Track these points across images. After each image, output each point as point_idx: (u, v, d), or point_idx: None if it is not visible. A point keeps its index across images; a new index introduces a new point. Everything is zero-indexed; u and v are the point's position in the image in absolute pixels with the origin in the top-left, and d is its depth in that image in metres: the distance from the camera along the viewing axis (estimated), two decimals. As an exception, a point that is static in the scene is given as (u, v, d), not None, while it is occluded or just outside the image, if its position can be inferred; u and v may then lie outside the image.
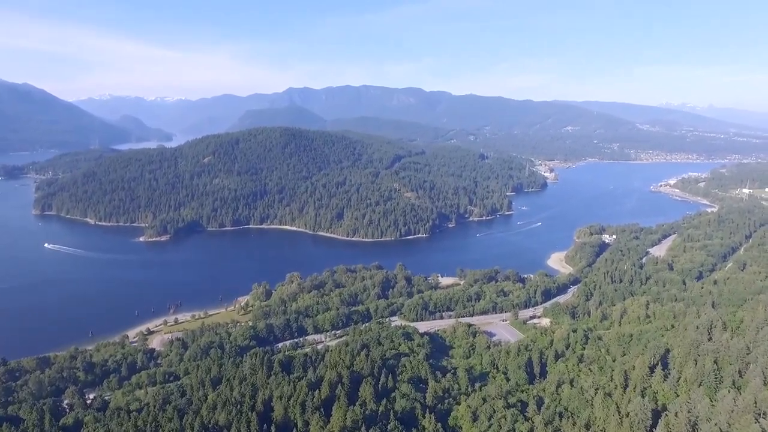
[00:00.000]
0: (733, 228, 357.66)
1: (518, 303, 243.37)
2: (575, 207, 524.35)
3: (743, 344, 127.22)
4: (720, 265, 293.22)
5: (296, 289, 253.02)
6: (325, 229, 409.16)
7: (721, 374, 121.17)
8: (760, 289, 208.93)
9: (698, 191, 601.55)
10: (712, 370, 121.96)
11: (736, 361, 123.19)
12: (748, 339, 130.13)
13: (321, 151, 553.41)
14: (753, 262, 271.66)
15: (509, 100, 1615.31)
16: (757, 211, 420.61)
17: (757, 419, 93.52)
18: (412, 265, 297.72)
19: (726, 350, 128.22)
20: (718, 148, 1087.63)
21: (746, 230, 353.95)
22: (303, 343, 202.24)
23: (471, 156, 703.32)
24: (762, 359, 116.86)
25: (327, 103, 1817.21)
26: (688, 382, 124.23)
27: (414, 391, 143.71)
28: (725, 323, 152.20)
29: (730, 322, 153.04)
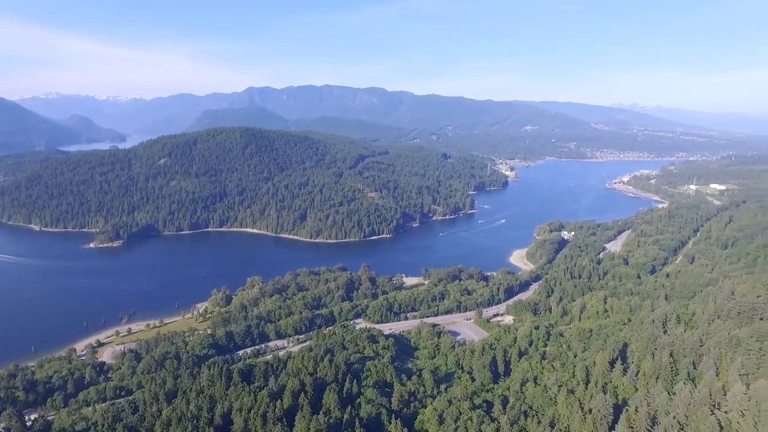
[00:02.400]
0: (682, 223, 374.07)
1: (482, 301, 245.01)
2: (535, 205, 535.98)
3: (696, 336, 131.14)
4: (671, 258, 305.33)
5: (257, 293, 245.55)
6: (287, 231, 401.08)
7: (676, 367, 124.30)
8: (709, 281, 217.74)
9: (650, 188, 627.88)
10: (668, 363, 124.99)
11: (690, 353, 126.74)
12: (700, 331, 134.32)
13: (283, 151, 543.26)
14: (701, 255, 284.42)
15: (470, 100, 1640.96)
16: (704, 206, 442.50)
17: (713, 411, 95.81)
18: (377, 266, 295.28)
19: (681, 343, 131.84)
20: (667, 146, 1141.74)
21: (694, 225, 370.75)
22: (265, 350, 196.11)
23: (434, 155, 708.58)
24: (714, 351, 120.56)
25: (288, 103, 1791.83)
26: (646, 376, 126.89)
27: (379, 396, 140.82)
28: (679, 316, 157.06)
29: (683, 315, 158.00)
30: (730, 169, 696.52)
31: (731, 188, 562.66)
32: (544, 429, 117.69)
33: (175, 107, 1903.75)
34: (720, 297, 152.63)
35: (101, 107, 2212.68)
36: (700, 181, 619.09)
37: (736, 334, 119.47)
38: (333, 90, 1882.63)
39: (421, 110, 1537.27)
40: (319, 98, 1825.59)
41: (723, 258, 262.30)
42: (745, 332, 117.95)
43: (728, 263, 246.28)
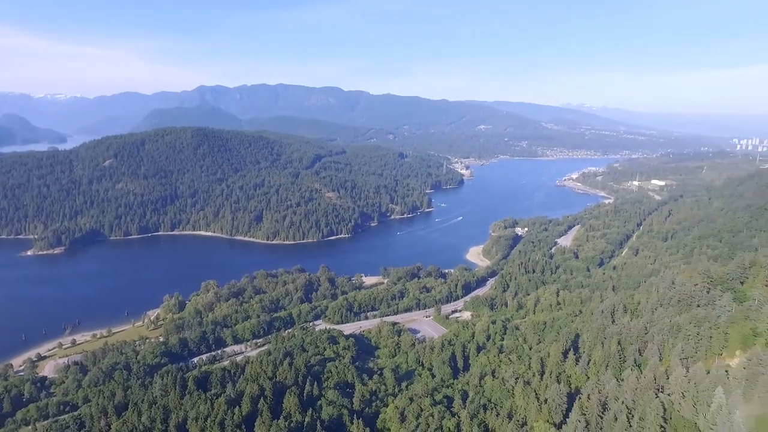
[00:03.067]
0: (627, 217, 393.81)
1: (440, 298, 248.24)
2: (490, 202, 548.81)
3: (641, 325, 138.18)
4: (618, 251, 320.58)
5: (213, 298, 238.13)
6: (243, 234, 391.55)
7: (624, 354, 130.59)
8: (651, 272, 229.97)
9: (597, 184, 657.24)
10: (616, 352, 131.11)
11: (636, 341, 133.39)
12: (645, 320, 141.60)
13: (237, 151, 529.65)
14: (644, 248, 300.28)
15: (426, 100, 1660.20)
16: (646, 201, 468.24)
17: (657, 394, 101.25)
18: (336, 266, 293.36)
19: (627, 331, 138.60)
20: (612, 144, 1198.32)
21: (638, 219, 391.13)
22: (222, 356, 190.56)
23: (391, 155, 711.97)
24: (657, 338, 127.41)
25: (242, 103, 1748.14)
26: (597, 364, 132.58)
27: (341, 397, 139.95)
28: (625, 306, 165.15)
29: (629, 305, 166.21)
30: (669, 166, 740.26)
31: (670, 184, 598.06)
32: (502, 421, 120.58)
33: (120, 106, 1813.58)
34: (662, 287, 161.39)
35: (38, 106, 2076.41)
36: (642, 177, 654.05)
37: (676, 321, 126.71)
38: (288, 89, 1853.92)
39: (377, 110, 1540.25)
40: (273, 97, 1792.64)
41: (664, 250, 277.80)
42: (685, 319, 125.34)
43: (668, 254, 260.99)
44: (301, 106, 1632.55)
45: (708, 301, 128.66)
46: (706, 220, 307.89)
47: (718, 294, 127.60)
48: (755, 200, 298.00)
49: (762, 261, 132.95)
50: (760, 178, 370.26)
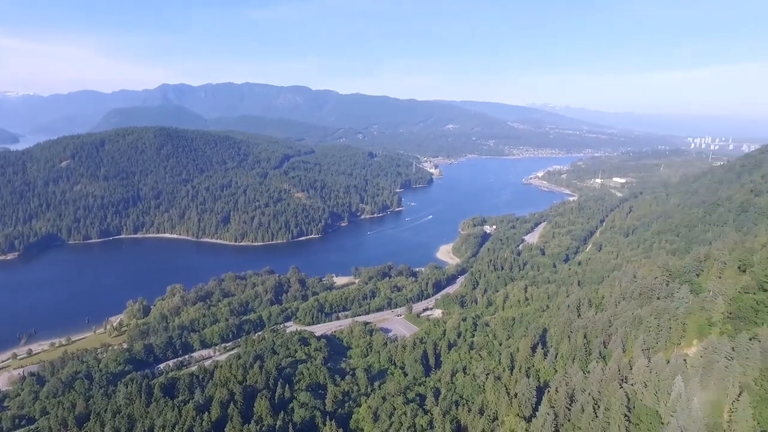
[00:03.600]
0: (590, 214, 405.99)
1: (412, 297, 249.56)
2: (459, 201, 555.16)
3: (606, 318, 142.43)
4: (582, 247, 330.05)
5: (179, 302, 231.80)
6: (210, 236, 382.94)
7: (590, 347, 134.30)
8: (614, 266, 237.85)
9: (561, 182, 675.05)
10: (582, 345, 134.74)
11: (601, 333, 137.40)
12: (609, 313, 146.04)
13: (202, 152, 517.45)
14: (607, 243, 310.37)
15: (395, 99, 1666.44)
16: (608, 198, 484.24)
17: (621, 385, 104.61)
18: (306, 267, 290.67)
19: (593, 325, 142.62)
20: (575, 143, 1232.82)
21: (600, 215, 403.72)
22: (189, 361, 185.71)
23: (360, 154, 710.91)
24: (621, 330, 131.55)
25: (207, 102, 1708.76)
26: (564, 358, 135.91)
27: (313, 399, 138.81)
28: (590, 300, 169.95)
29: (594, 299, 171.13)
30: (629, 164, 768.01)
31: (630, 181, 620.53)
32: (474, 417, 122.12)
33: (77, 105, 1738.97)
34: (624, 281, 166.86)
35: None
36: (605, 175, 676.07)
37: (638, 313, 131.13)
38: (254, 88, 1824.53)
39: (346, 109, 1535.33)
40: (239, 96, 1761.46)
41: (625, 245, 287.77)
42: (646, 311, 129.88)
43: (630, 249, 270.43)
44: (268, 105, 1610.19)
45: (667, 294, 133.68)
46: (664, 215, 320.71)
47: (676, 286, 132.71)
48: (708, 196, 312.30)
49: (715, 254, 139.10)
50: (712, 175, 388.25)
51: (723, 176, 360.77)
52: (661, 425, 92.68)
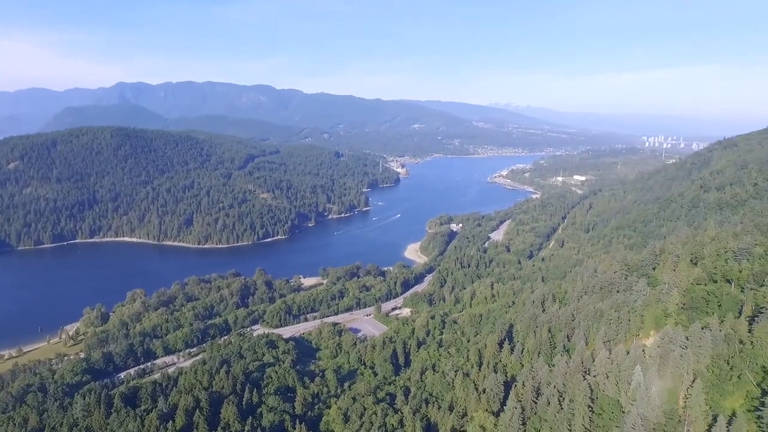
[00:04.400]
0: (553, 211, 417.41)
1: (380, 296, 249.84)
2: (426, 200, 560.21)
3: (569, 312, 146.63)
4: (545, 243, 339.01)
5: (140, 308, 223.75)
6: (172, 238, 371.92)
7: (554, 341, 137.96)
8: (576, 262, 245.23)
9: (525, 180, 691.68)
10: (547, 339, 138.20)
11: (564, 327, 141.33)
12: (572, 307, 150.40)
13: (162, 152, 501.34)
14: (569, 239, 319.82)
15: (361, 99, 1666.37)
16: (569, 196, 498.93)
17: (585, 377, 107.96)
18: (273, 269, 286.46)
19: (557, 319, 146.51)
20: (537, 142, 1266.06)
21: (562, 212, 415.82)
22: (152, 369, 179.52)
23: (327, 154, 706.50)
24: (583, 323, 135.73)
25: (167, 101, 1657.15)
26: (530, 352, 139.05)
27: (282, 403, 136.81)
28: (554, 295, 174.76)
29: (558, 294, 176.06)
30: (588, 162, 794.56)
31: (590, 179, 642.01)
32: (444, 414, 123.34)
33: (25, 103, 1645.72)
34: (585, 275, 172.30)
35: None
36: (566, 173, 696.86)
37: (599, 306, 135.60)
38: (216, 87, 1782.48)
39: (311, 109, 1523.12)
40: (201, 96, 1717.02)
41: (586, 240, 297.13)
42: (606, 304, 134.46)
43: (590, 245, 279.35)
44: (231, 104, 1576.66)
45: (626, 287, 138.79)
46: (622, 212, 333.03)
47: (634, 280, 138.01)
48: (662, 193, 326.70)
49: (669, 248, 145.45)
50: (665, 173, 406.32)
51: (675, 173, 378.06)
52: (622, 414, 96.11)
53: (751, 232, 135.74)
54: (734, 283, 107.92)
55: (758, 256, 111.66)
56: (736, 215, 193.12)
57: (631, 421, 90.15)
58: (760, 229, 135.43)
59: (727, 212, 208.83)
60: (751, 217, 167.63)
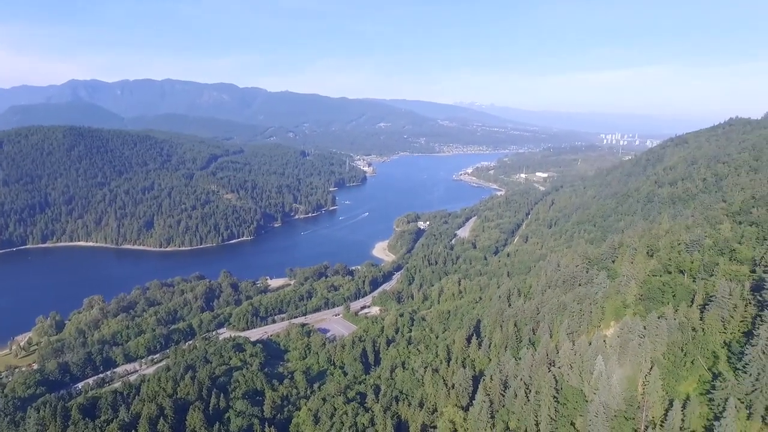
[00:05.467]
0: (517, 207, 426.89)
1: (349, 296, 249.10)
2: (393, 198, 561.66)
3: (534, 306, 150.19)
4: (510, 239, 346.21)
5: (98, 314, 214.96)
6: (131, 242, 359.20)
7: (520, 335, 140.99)
8: (540, 257, 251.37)
9: (489, 178, 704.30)
10: (513, 333, 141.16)
11: (530, 321, 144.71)
12: (537, 301, 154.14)
13: (120, 152, 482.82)
14: (533, 235, 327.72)
15: (326, 98, 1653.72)
16: (533, 192, 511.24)
17: (550, 369, 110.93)
18: (239, 271, 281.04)
19: (522, 313, 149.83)
20: (501, 140, 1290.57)
21: (526, 208, 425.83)
22: (112, 378, 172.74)
23: (292, 153, 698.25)
24: (548, 317, 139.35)
25: (123, 99, 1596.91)
26: (497, 347, 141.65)
27: (250, 406, 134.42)
28: (519, 290, 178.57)
29: (523, 289, 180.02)
30: (550, 159, 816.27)
31: (552, 175, 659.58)
32: (414, 410, 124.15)
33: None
34: (549, 270, 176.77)
35: None
36: (528, 170, 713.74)
37: (563, 300, 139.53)
38: (176, 85, 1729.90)
39: (276, 107, 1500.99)
40: (160, 94, 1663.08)
41: (549, 236, 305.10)
42: (569, 297, 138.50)
43: (553, 240, 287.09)
44: (192, 103, 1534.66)
45: (587, 280, 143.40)
46: (582, 207, 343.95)
47: (595, 273, 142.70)
48: (619, 188, 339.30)
49: (627, 241, 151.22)
50: (622, 169, 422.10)
51: (631, 169, 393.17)
52: (586, 403, 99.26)
53: (701, 224, 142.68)
54: (687, 273, 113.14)
55: (708, 248, 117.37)
56: (688, 209, 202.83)
57: (593, 409, 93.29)
58: (709, 222, 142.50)
59: (680, 206, 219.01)
60: (701, 210, 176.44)
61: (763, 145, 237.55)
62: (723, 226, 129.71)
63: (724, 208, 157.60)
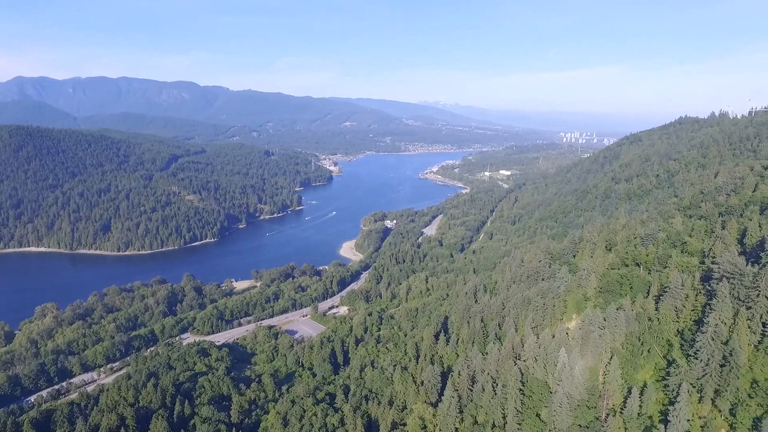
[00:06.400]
0: (482, 205, 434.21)
1: (317, 296, 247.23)
2: (360, 197, 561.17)
3: (499, 301, 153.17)
4: (476, 236, 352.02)
5: (52, 323, 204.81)
6: (87, 246, 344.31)
7: (487, 330, 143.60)
8: (504, 253, 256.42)
9: (454, 176, 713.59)
10: (480, 328, 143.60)
11: (496, 316, 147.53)
12: (502, 296, 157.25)
13: (73, 153, 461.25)
14: (497, 232, 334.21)
15: (290, 96, 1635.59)
16: (496, 190, 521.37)
17: (515, 362, 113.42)
18: (202, 274, 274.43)
19: (488, 309, 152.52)
20: (465, 139, 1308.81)
21: (490, 206, 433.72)
22: (68, 389, 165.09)
23: (256, 153, 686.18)
24: (513, 311, 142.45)
25: (76, 98, 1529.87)
26: (464, 342, 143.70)
27: (217, 412, 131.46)
28: (485, 286, 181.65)
29: (488, 284, 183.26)
30: (513, 157, 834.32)
31: (515, 173, 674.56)
32: (384, 409, 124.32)
33: None
34: (513, 265, 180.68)
35: None
36: (492, 168, 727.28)
37: (527, 294, 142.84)
38: (133, 83, 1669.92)
39: (238, 106, 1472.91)
40: (116, 92, 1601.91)
41: (513, 232, 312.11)
42: (533, 292, 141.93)
43: (517, 236, 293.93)
44: (150, 102, 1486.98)
45: (550, 275, 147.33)
46: (544, 204, 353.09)
47: (557, 268, 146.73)
48: (579, 185, 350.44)
49: (587, 236, 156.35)
50: (581, 166, 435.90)
51: (590, 167, 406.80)
52: (550, 394, 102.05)
53: (655, 219, 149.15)
54: (642, 266, 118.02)
55: (661, 241, 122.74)
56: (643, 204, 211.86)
57: (557, 400, 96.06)
58: (662, 216, 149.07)
59: (635, 201, 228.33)
60: (655, 205, 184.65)
61: (710, 142, 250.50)
62: (675, 220, 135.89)
63: (675, 203, 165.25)
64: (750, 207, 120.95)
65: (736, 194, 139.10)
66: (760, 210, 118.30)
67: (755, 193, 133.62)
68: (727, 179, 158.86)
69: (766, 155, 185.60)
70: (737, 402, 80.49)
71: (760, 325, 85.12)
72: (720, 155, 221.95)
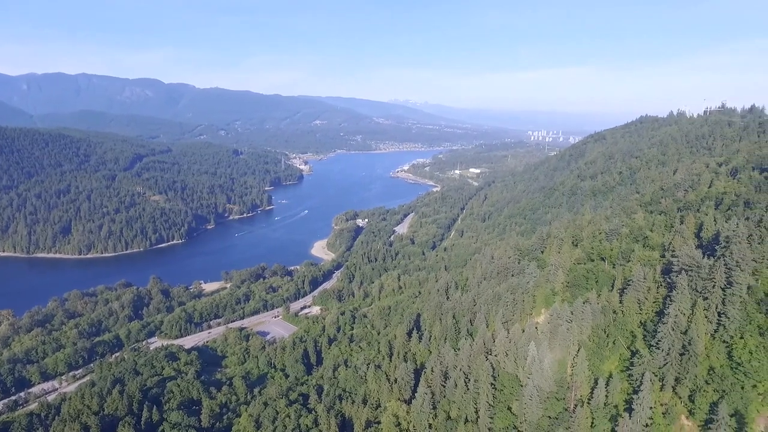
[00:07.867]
0: (452, 203, 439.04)
1: (288, 296, 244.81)
2: (331, 196, 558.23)
3: (471, 298, 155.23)
4: (447, 234, 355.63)
5: (8, 330, 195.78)
6: (46, 250, 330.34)
7: (458, 326, 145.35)
8: (475, 250, 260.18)
9: (425, 174, 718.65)
10: (452, 325, 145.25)
11: (467, 312, 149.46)
12: (473, 293, 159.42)
13: (28, 152, 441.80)
14: (468, 229, 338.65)
15: (258, 94, 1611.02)
16: (467, 188, 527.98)
17: (487, 357, 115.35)
18: (169, 276, 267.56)
19: (460, 305, 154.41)
20: (435, 137, 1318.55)
21: (461, 203, 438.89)
22: (27, 399, 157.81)
23: (224, 152, 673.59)
24: (484, 307, 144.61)
25: (31, 95, 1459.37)
26: (437, 339, 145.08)
27: (186, 417, 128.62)
28: (456, 283, 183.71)
29: (460, 281, 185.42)
30: (482, 155, 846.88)
31: (484, 171, 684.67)
32: (358, 408, 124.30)
33: None
34: (484, 262, 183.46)
35: None
36: (462, 166, 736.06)
37: (497, 290, 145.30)
38: (93, 80, 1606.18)
39: (205, 104, 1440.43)
40: (74, 89, 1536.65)
41: (483, 229, 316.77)
42: (503, 288, 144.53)
43: (487, 233, 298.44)
44: (111, 99, 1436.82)
45: (519, 271, 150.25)
46: (513, 201, 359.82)
47: (526, 264, 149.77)
48: (546, 182, 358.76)
49: (554, 233, 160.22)
50: (548, 164, 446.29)
51: (557, 164, 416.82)
52: (521, 387, 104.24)
53: (619, 215, 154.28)
54: (607, 260, 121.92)
55: (625, 236, 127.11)
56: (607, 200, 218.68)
57: (528, 393, 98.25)
58: (625, 212, 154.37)
59: (600, 198, 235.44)
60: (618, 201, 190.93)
61: (669, 141, 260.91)
62: (637, 215, 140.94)
63: (637, 199, 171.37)
64: (706, 202, 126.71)
65: (693, 190, 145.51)
66: (715, 205, 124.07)
67: (710, 189, 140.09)
68: (685, 176, 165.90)
69: (719, 153, 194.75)
70: (695, 389, 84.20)
71: (716, 315, 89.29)
72: (678, 153, 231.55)
